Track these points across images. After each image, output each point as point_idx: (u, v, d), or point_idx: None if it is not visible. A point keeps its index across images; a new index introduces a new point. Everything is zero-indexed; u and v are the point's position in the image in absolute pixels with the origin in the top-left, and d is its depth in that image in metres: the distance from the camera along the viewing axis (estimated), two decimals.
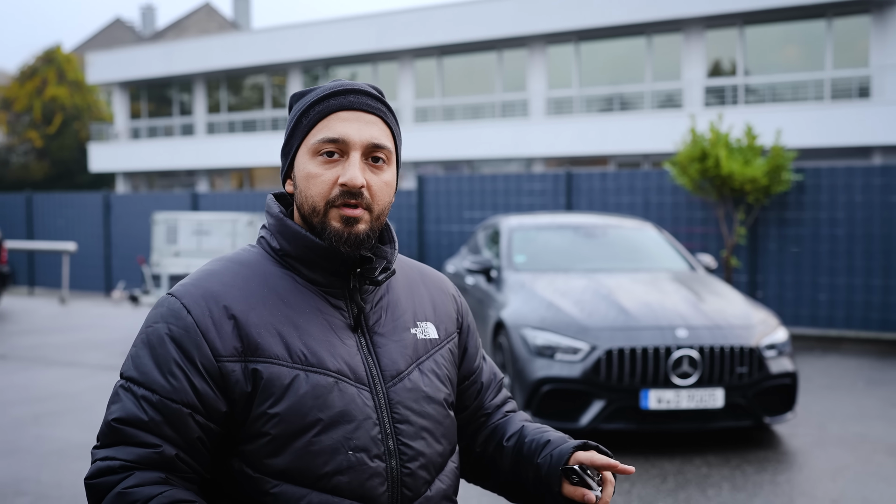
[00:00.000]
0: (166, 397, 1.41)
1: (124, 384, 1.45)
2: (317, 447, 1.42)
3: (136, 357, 1.47)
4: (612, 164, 22.63)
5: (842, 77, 20.46)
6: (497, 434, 1.78)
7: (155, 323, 1.47)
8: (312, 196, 1.51)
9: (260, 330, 1.45)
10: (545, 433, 1.71)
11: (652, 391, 5.96)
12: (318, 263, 1.52)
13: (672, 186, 12.36)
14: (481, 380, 1.80)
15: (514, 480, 1.72)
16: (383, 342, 1.54)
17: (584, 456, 1.58)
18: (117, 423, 1.42)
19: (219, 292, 1.47)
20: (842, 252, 11.39)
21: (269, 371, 1.43)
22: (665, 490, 5.42)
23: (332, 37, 26.16)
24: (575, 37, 23.22)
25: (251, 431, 1.43)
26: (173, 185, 30.90)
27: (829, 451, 6.27)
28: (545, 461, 1.63)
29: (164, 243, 11.90)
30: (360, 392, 1.47)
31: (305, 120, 1.54)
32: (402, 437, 1.50)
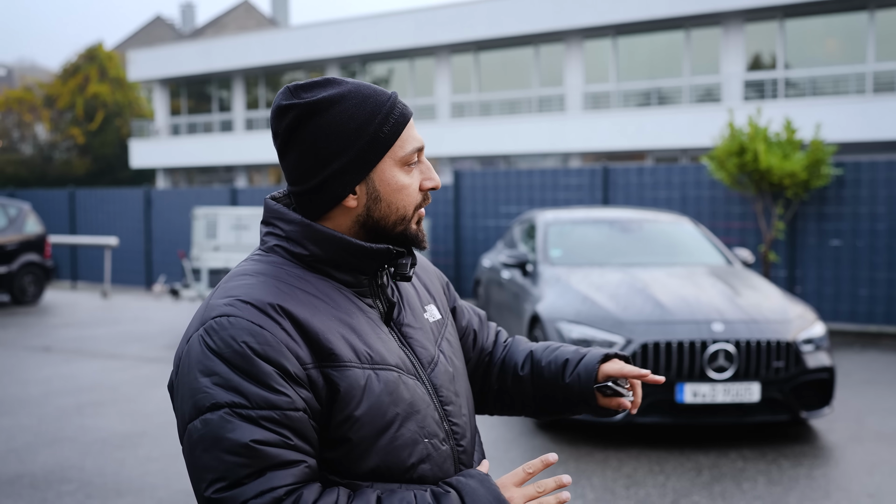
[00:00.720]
0: (288, 409, 1.34)
1: (228, 412, 1.32)
2: (399, 441, 1.45)
3: (227, 381, 1.34)
4: (650, 159, 22.51)
5: (884, 70, 20.18)
6: (508, 367, 1.88)
7: (226, 348, 1.36)
8: (405, 206, 1.51)
9: (327, 335, 1.42)
10: (558, 353, 1.83)
11: (687, 385, 5.96)
12: (352, 264, 1.51)
13: (710, 181, 12.29)
14: (473, 328, 1.89)
15: (540, 403, 1.85)
16: (412, 332, 1.58)
17: (613, 369, 1.74)
18: (257, 445, 1.31)
19: (275, 302, 1.41)
20: (882, 247, 11.25)
21: (344, 375, 1.41)
22: (700, 483, 5.42)
23: (369, 32, 26.28)
24: (612, 31, 23.12)
25: (335, 437, 1.42)
26: (212, 181, 31.24)
27: (867, 446, 6.22)
28: (574, 381, 1.76)
29: (203, 238, 12.06)
30: (416, 382, 1.51)
31: (387, 130, 1.48)
32: (451, 418, 1.56)
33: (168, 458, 6.03)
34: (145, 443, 6.43)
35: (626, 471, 5.67)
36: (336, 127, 1.46)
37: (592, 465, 5.77)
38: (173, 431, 6.71)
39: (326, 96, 1.46)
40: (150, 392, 8.13)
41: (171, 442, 6.43)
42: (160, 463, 5.93)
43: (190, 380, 1.37)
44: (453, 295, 1.89)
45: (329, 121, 1.46)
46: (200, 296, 11.67)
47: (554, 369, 1.81)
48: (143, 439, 6.52)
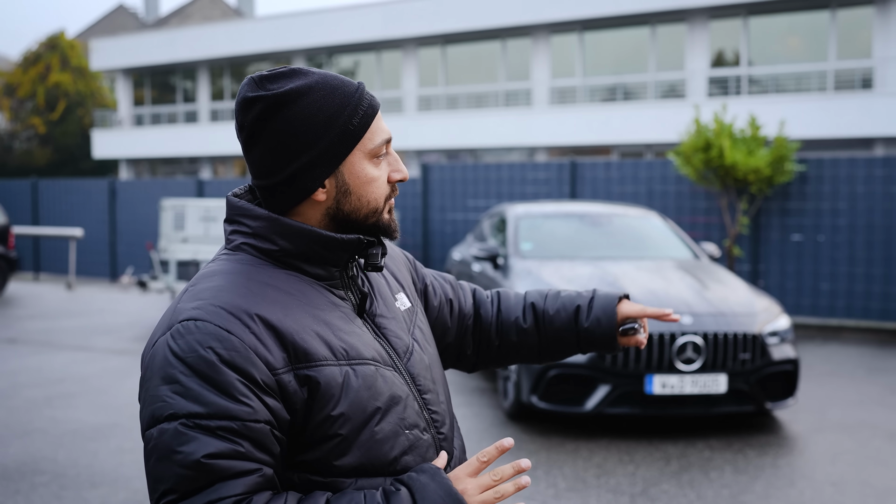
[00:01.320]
0: (248, 420, 1.30)
1: (187, 422, 1.29)
2: (381, 435, 1.44)
3: (187, 390, 1.30)
4: (615, 154, 22.71)
5: (845, 68, 20.52)
6: (507, 321, 1.96)
7: (191, 353, 1.31)
8: (376, 198, 1.49)
9: (301, 335, 1.38)
10: (563, 301, 1.95)
11: (656, 376, 6.08)
12: (324, 257, 1.48)
13: (676, 176, 12.45)
14: (448, 297, 1.91)
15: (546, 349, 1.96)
16: (385, 323, 1.56)
17: (633, 310, 1.89)
18: (207, 460, 1.27)
19: (245, 305, 1.37)
20: (843, 242, 11.49)
21: (321, 374, 1.38)
22: (669, 472, 5.54)
23: (336, 24, 26.21)
24: (579, 26, 23.27)
25: (315, 437, 1.39)
26: (176, 173, 30.98)
27: (830, 436, 6.39)
28: (595, 325, 1.90)
29: (171, 229, 12.00)
30: (393, 373, 1.49)
31: (356, 121, 1.45)
32: (430, 407, 1.56)
33: (141, 450, 6.02)
34: (118, 434, 6.43)
35: (596, 461, 5.77)
36: (304, 119, 1.42)
37: (563, 456, 5.87)
38: None
39: (293, 88, 1.42)
40: (120, 384, 8.11)
41: None
42: (134, 454, 5.94)
43: (151, 386, 1.33)
44: (422, 273, 1.88)
45: (297, 113, 1.42)
46: (169, 288, 11.61)
47: (566, 317, 1.92)
48: (116, 431, 6.51)
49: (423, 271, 1.90)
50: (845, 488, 5.27)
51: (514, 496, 5.21)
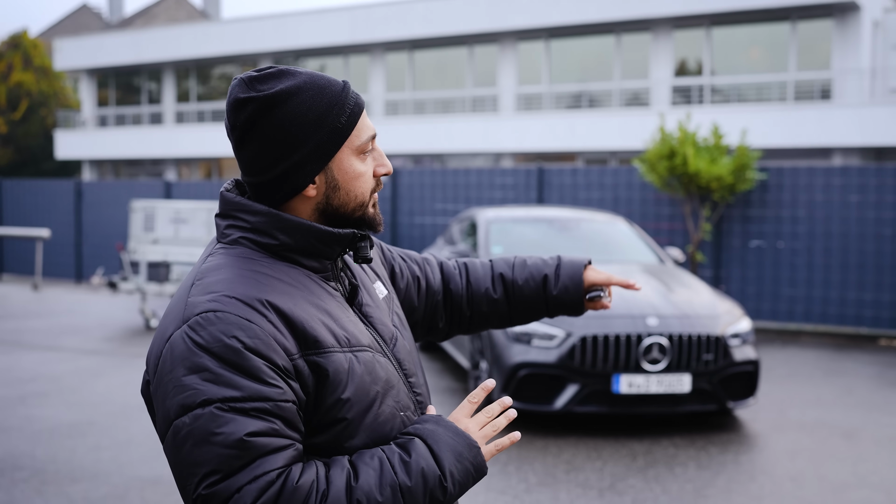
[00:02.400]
0: (279, 400, 1.37)
1: (222, 406, 1.34)
2: (382, 418, 1.52)
3: (219, 378, 1.35)
4: (580, 161, 22.99)
5: (804, 79, 20.99)
6: (478, 293, 2.07)
7: (216, 343, 1.37)
8: (362, 192, 1.57)
9: (310, 323, 1.46)
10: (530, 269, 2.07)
11: (623, 376, 6.28)
12: (319, 251, 1.55)
13: (640, 183, 12.71)
14: (415, 275, 2.00)
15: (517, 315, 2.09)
16: (371, 311, 1.65)
17: (599, 278, 2.02)
18: (250, 438, 1.34)
19: (259, 294, 1.44)
20: (802, 249, 11.82)
21: (329, 361, 1.45)
22: (635, 468, 5.74)
23: (303, 28, 26.27)
24: (545, 34, 23.55)
25: (325, 422, 1.46)
26: (139, 174, 30.82)
27: (788, 434, 6.63)
28: (563, 293, 2.03)
29: (141, 231, 12.03)
30: (385, 359, 1.59)
31: (344, 120, 1.52)
32: (415, 389, 1.66)
33: (118, 447, 6.11)
34: (94, 431, 6.50)
35: (565, 457, 5.95)
36: (295, 119, 1.47)
37: (534, 452, 6.05)
38: (121, 421, 6.79)
39: (283, 88, 1.47)
40: (93, 382, 8.16)
41: (120, 431, 6.51)
42: (111, 451, 6.02)
43: (174, 378, 1.37)
44: (389, 256, 1.96)
45: (288, 113, 1.47)
46: (139, 289, 11.63)
47: (534, 285, 2.04)
48: (92, 428, 6.59)
49: (389, 254, 1.97)
50: (803, 483, 5.50)
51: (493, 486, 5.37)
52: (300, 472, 1.38)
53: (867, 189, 11.52)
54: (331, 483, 1.38)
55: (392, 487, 1.40)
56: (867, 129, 19.08)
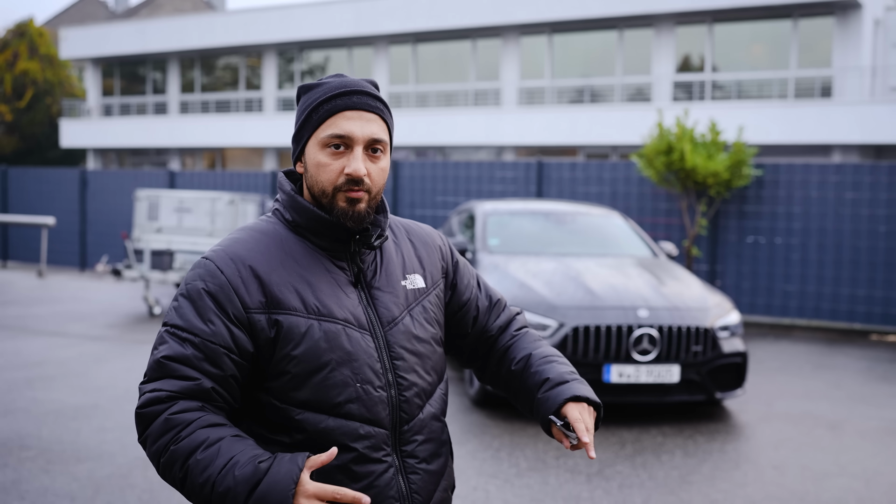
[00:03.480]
0: (207, 339, 1.69)
1: (169, 330, 1.73)
2: (330, 382, 1.73)
3: (178, 309, 1.74)
4: (581, 155, 23.13)
5: (805, 76, 21.10)
6: (507, 358, 2.07)
7: (194, 281, 1.75)
8: (322, 182, 1.79)
9: (280, 287, 1.74)
10: (545, 367, 1.99)
11: (614, 366, 6.45)
12: (325, 232, 1.81)
13: (638, 178, 12.87)
14: (477, 305, 2.09)
15: (518, 400, 2.07)
16: (379, 294, 1.85)
17: (572, 414, 1.85)
18: (165, 360, 1.69)
19: (245, 256, 1.76)
20: (797, 245, 11.98)
21: (288, 321, 1.72)
22: (623, 455, 5.91)
23: (308, 20, 26.39)
24: (548, 28, 23.67)
25: (276, 370, 1.73)
26: (143, 163, 30.99)
27: (774, 425, 6.81)
28: (541, 404, 1.93)
29: (145, 220, 12.21)
30: (363, 336, 1.78)
31: (315, 116, 1.79)
32: (398, 371, 1.81)
33: (122, 429, 6.29)
34: (98, 414, 6.68)
35: (555, 444, 6.13)
36: (300, 107, 1.84)
37: (525, 439, 6.22)
38: (125, 404, 6.98)
39: (311, 83, 1.85)
40: (98, 367, 8.34)
41: (124, 414, 6.69)
42: (115, 433, 6.20)
43: (174, 295, 1.78)
44: (461, 271, 2.09)
45: (301, 102, 1.85)
46: (143, 277, 11.81)
47: (535, 381, 1.98)
48: (96, 411, 6.77)
49: (463, 270, 2.10)
50: (786, 471, 5.67)
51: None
52: (184, 409, 1.67)
53: (862, 186, 11.67)
54: (189, 436, 1.64)
55: (207, 478, 1.61)
56: (867, 126, 19.20)
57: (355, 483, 1.75)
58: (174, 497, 4.98)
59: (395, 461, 1.80)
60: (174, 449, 1.64)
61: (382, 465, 1.78)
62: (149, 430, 1.69)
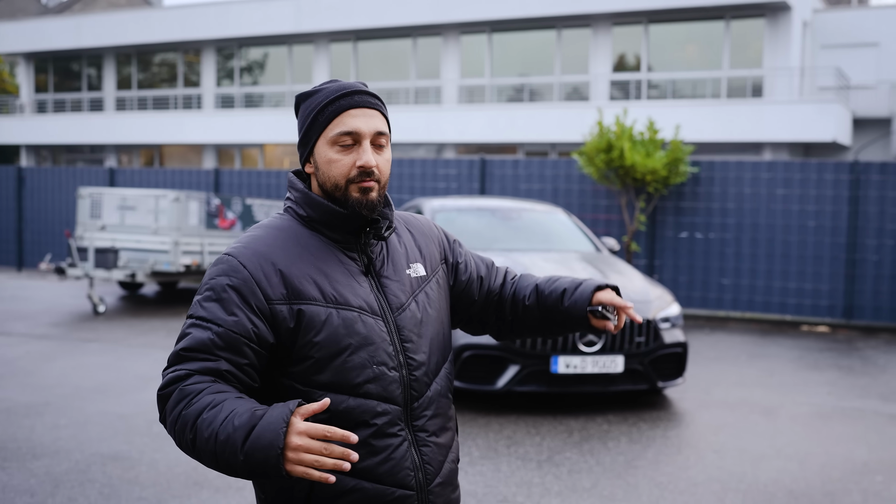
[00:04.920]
0: (229, 328, 1.81)
1: (194, 322, 1.84)
2: (349, 364, 1.88)
3: (202, 302, 1.85)
4: (521, 153, 23.42)
5: (737, 76, 21.69)
6: (517, 300, 2.25)
7: (218, 276, 1.86)
8: (335, 176, 1.94)
9: (300, 279, 1.88)
10: (557, 284, 2.21)
11: (561, 357, 6.68)
12: (337, 225, 1.95)
13: (579, 175, 13.17)
14: (479, 275, 2.27)
15: (545, 325, 2.24)
16: (388, 283, 2.00)
17: (605, 298, 2.09)
18: (185, 351, 1.81)
19: (266, 251, 1.89)
20: (731, 240, 12.39)
21: (309, 310, 1.86)
22: (571, 443, 6.14)
23: (247, 16, 26.24)
24: (488, 27, 23.92)
25: (299, 356, 1.86)
26: (78, 161, 30.49)
27: (713, 411, 7.11)
28: (572, 306, 2.14)
29: (88, 217, 12.12)
30: (377, 321, 1.93)
31: (322, 117, 1.94)
32: (408, 353, 1.97)
33: (76, 426, 6.33)
34: (51, 412, 6.69)
35: (506, 433, 6.33)
36: (302, 113, 1.99)
37: (476, 429, 6.41)
38: (76, 402, 7.00)
39: (309, 91, 1.99)
40: (46, 366, 8.32)
41: (76, 411, 6.71)
42: (70, 429, 6.23)
43: (198, 289, 1.90)
44: (457, 252, 2.27)
45: (302, 108, 1.99)
46: (87, 275, 11.73)
47: (554, 297, 2.18)
48: (48, 409, 6.78)
49: (459, 251, 2.28)
50: (725, 455, 5.96)
51: None
52: (198, 381, 1.78)
53: (792, 183, 12.12)
54: (198, 402, 1.75)
55: (211, 431, 1.70)
56: (796, 125, 19.82)
57: (375, 456, 1.89)
58: (134, 491, 5.07)
59: (408, 435, 1.96)
60: (185, 413, 1.74)
61: (398, 438, 1.93)
62: (166, 406, 1.80)
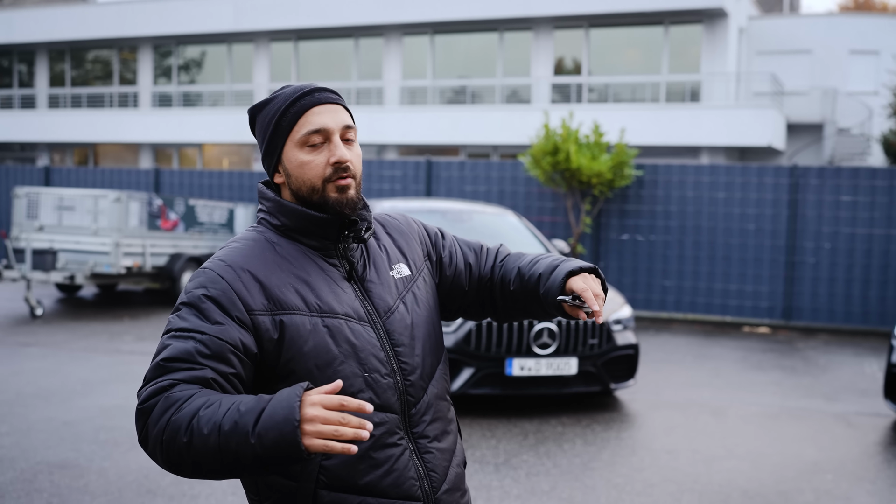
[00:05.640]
0: (213, 335, 1.70)
1: (174, 334, 1.72)
2: (340, 375, 1.77)
3: (181, 315, 1.75)
4: (463, 154, 23.46)
5: (676, 81, 22.03)
6: (504, 284, 2.15)
7: (195, 289, 1.77)
8: (310, 178, 1.84)
9: (281, 288, 1.79)
10: (534, 269, 2.08)
11: (516, 360, 6.69)
12: (314, 231, 1.87)
13: (525, 177, 13.22)
14: (468, 262, 2.19)
15: (529, 310, 2.14)
16: (372, 287, 1.92)
17: (577, 286, 1.92)
18: (166, 362, 1.68)
19: (243, 262, 1.81)
20: (674, 242, 12.57)
21: (292, 320, 1.77)
22: (527, 445, 6.15)
23: (185, 14, 25.83)
24: (430, 29, 23.92)
25: (285, 371, 1.76)
26: (7, 159, 29.68)
27: (664, 412, 7.19)
28: (546, 293, 2.01)
29: (24, 218, 11.79)
30: (364, 328, 1.84)
31: (285, 121, 1.86)
32: (400, 357, 1.88)
33: (19, 433, 6.13)
34: None
35: (462, 436, 6.31)
36: (261, 124, 1.91)
37: None
38: (17, 409, 6.79)
39: (262, 101, 1.91)
40: None
41: (18, 418, 6.51)
42: (13, 437, 6.04)
43: (175, 306, 1.81)
44: (441, 245, 2.18)
45: (259, 119, 1.91)
46: (24, 277, 11.40)
47: (533, 282, 2.07)
48: None
49: (443, 243, 2.19)
50: (678, 456, 6.02)
51: None
52: (183, 389, 1.65)
53: (733, 186, 12.34)
54: (190, 405, 1.61)
55: (213, 425, 1.57)
56: (733, 129, 20.20)
57: (377, 469, 1.81)
58: (84, 500, 4.93)
59: (409, 443, 1.88)
60: (175, 418, 1.60)
61: (398, 448, 1.85)
62: (148, 419, 1.64)
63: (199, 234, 13.48)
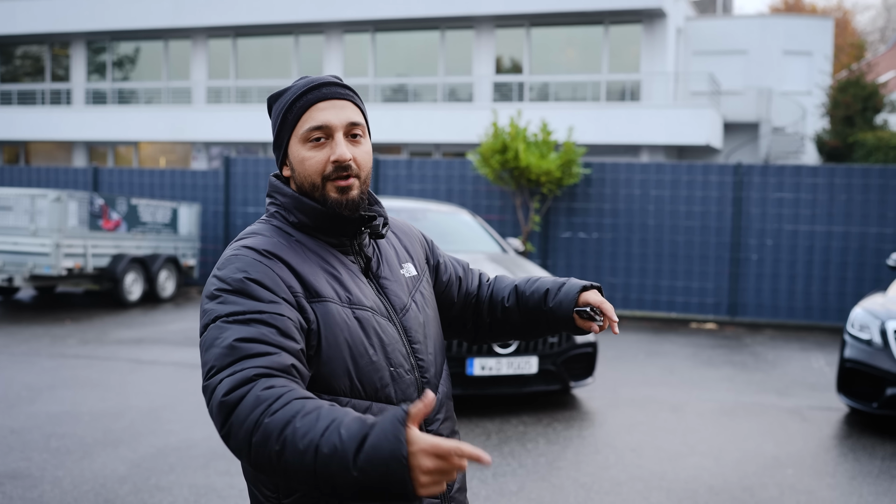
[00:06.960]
0: (274, 312, 1.65)
1: (227, 319, 1.64)
2: (372, 367, 1.77)
3: (226, 301, 1.67)
4: (405, 153, 23.38)
5: (616, 80, 22.24)
6: (495, 301, 2.21)
7: (235, 274, 1.70)
8: (310, 175, 1.83)
9: (314, 277, 1.76)
10: (538, 284, 2.17)
11: (477, 359, 6.65)
12: (331, 228, 1.86)
13: (473, 176, 13.20)
14: (458, 275, 2.23)
15: (526, 327, 2.19)
16: (387, 284, 1.92)
17: (593, 299, 2.03)
18: (237, 342, 1.60)
19: (273, 250, 1.77)
20: (621, 239, 12.67)
21: (327, 309, 1.74)
22: (490, 445, 6.10)
23: (121, 9, 25.25)
24: (372, 27, 23.77)
25: (323, 358, 1.72)
26: None
27: (623, 410, 7.21)
28: (557, 306, 2.09)
29: None
30: (388, 322, 1.85)
31: (290, 116, 1.85)
32: (418, 355, 1.90)
33: None
34: None
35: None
36: (274, 114, 1.90)
37: None
38: None
39: (279, 91, 1.89)
40: None
41: None
42: None
43: (202, 305, 1.72)
44: (437, 253, 2.23)
45: (273, 110, 1.91)
46: None
47: (537, 298, 2.13)
48: None
49: (438, 251, 2.24)
50: (642, 453, 6.04)
51: None
52: (271, 385, 1.55)
53: (679, 185, 12.48)
54: (283, 407, 1.51)
55: (309, 442, 1.46)
56: (672, 128, 20.47)
57: None
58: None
59: None
60: (268, 422, 1.50)
61: None
62: (234, 414, 1.54)
63: (142, 234, 13.17)
